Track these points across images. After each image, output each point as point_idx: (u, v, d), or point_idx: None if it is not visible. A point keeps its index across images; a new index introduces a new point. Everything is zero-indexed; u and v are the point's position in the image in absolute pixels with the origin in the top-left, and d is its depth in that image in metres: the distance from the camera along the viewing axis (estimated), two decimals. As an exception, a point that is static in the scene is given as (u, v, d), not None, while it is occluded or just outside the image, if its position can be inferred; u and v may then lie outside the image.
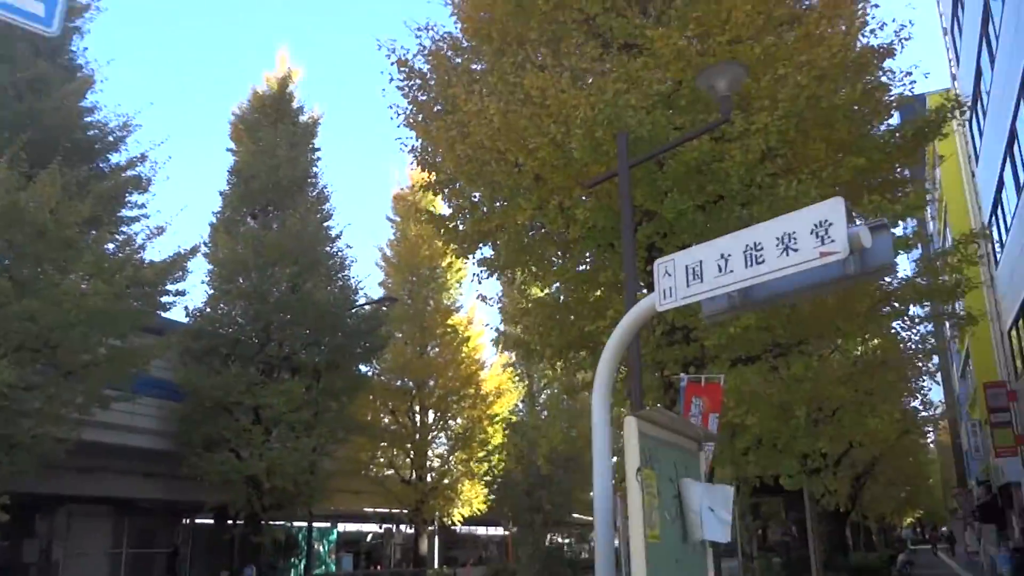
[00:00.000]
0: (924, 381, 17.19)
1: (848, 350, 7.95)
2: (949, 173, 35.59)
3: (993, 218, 27.48)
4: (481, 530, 51.93)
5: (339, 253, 25.84)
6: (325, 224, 25.86)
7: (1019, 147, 21.79)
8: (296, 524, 34.17)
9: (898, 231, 7.92)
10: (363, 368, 27.66)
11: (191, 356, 22.99)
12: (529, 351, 10.05)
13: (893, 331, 9.42)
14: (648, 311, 5.23)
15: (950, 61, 34.26)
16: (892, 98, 9.59)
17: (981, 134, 27.95)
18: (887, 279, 9.74)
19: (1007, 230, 25.31)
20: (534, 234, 9.40)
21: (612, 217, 7.91)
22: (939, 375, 49.75)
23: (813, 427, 8.95)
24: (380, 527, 40.04)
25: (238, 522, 24.93)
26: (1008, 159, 23.23)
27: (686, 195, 7.79)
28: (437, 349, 33.29)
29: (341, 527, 39.32)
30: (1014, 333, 26.86)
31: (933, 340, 10.45)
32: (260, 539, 24.46)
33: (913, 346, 11.21)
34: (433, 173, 10.03)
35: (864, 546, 37.98)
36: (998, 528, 35.89)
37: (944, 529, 75.50)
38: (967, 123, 31.56)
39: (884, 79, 9.86)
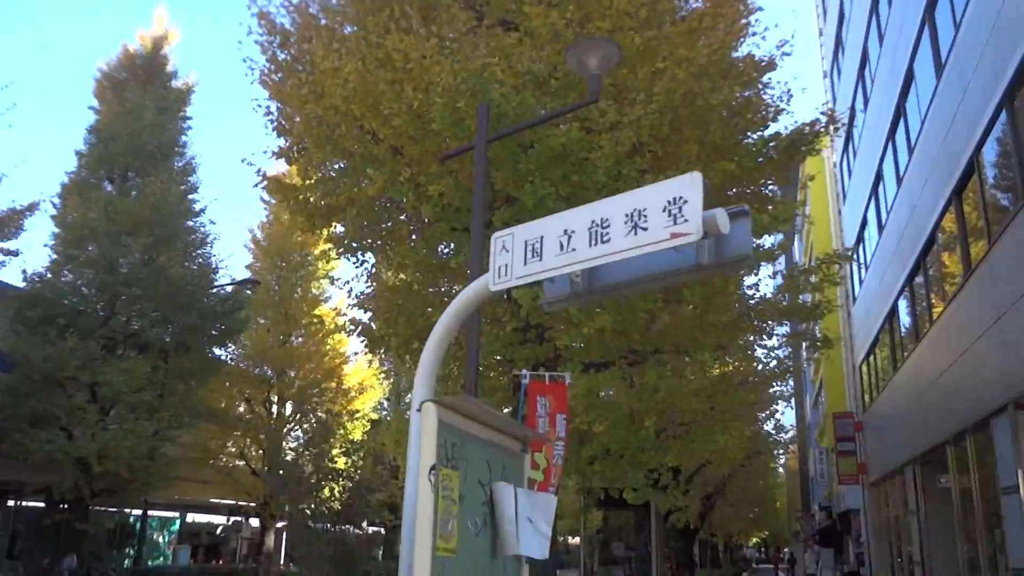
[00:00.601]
0: (778, 404, 17.38)
1: (704, 363, 7.60)
2: (817, 207, 36.93)
3: (855, 255, 28.54)
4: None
5: (201, 229, 24.36)
6: (189, 197, 24.33)
7: (884, 189, 22.60)
8: (135, 512, 32.29)
9: (765, 241, 7.65)
10: (217, 351, 26.17)
11: (25, 324, 21.11)
12: (374, 339, 9.38)
13: (751, 351, 9.28)
14: (482, 292, 4.67)
15: (826, 103, 35.54)
16: (769, 112, 9.45)
17: (851, 174, 29.01)
18: (749, 294, 9.56)
19: (866, 268, 26.28)
20: (387, 214, 8.76)
21: (469, 198, 7.36)
22: (793, 400, 51.73)
23: (663, 440, 8.59)
24: (228, 520, 38.25)
25: (64, 507, 23.08)
26: (873, 199, 24.09)
27: (548, 182, 7.30)
28: (301, 339, 32.01)
29: (190, 518, 37.34)
30: (864, 368, 27.93)
31: (790, 362, 10.38)
32: (85, 526, 22.69)
33: (770, 366, 11.23)
34: (285, 139, 9.24)
35: (710, 563, 38.90)
36: (835, 552, 37.40)
37: (786, 550, 78.77)
38: (836, 165, 32.81)
39: (763, 93, 9.73)
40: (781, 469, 68.14)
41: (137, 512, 33.26)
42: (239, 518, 36.99)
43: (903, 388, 20.69)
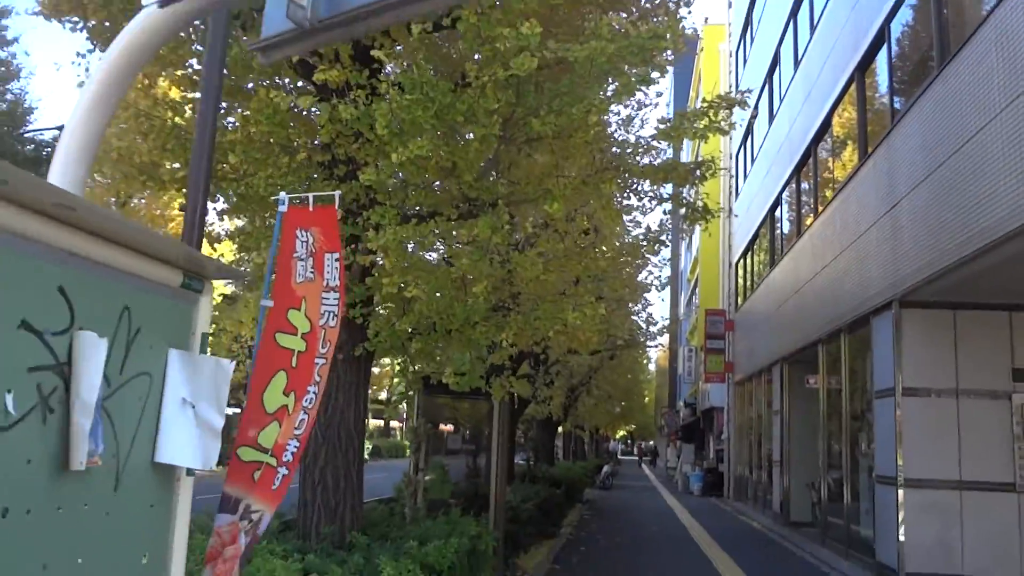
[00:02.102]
0: (648, 292, 16.09)
1: (554, 214, 5.80)
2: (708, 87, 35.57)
3: (742, 148, 27.42)
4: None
5: (12, 60, 20.84)
6: (-6, 19, 20.66)
7: (779, 74, 21.23)
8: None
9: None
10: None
11: None
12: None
13: (621, 208, 7.62)
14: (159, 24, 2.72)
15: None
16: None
17: (746, 62, 27.60)
18: (619, 138, 7.80)
19: (752, 161, 25.20)
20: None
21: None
22: (668, 291, 51.71)
23: (499, 316, 6.83)
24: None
25: None
26: (766, 87, 22.76)
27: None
28: (144, 202, 28.82)
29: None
30: (740, 266, 27.21)
31: (663, 237, 8.73)
32: None
33: (638, 235, 9.74)
34: None
35: (573, 455, 38.80)
36: (696, 448, 37.82)
37: (650, 443, 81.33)
38: (732, 53, 31.38)
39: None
40: (652, 366, 69.35)
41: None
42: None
43: (778, 286, 19.83)
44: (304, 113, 6.69)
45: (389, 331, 6.71)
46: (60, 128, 21.98)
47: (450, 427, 13.45)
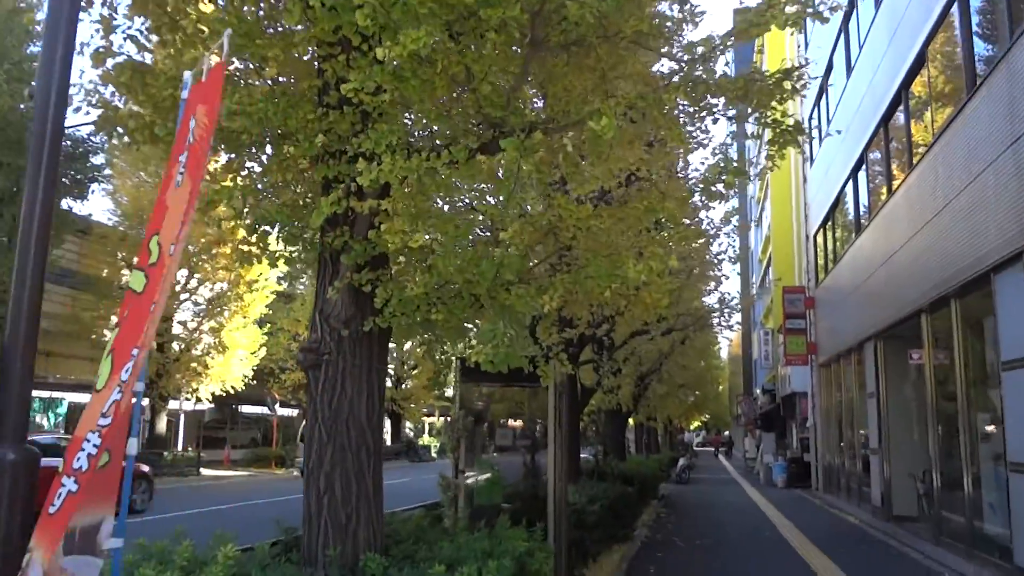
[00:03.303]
0: (722, 248, 14.40)
1: (602, 133, 4.25)
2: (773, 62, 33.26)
3: (815, 110, 25.34)
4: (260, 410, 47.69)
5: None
6: (22, 6, 19.82)
7: (857, 15, 19.22)
8: None
9: None
10: (73, 205, 22.21)
11: None
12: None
13: (686, 127, 6.01)
14: None
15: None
16: None
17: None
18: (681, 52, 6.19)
19: (828, 121, 23.14)
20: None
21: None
22: (738, 267, 49.48)
23: (537, 272, 5.34)
24: (128, 402, 34.85)
25: None
26: (843, 31, 20.74)
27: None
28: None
29: (75, 398, 33.93)
30: (819, 237, 25.14)
31: (735, 157, 6.95)
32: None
33: (709, 165, 8.01)
34: None
35: (646, 448, 36.99)
36: (778, 437, 35.67)
37: (727, 433, 78.73)
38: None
39: None
40: (723, 353, 66.94)
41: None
42: (142, 401, 33.44)
43: (866, 254, 17.86)
44: (279, 27, 5.27)
45: (400, 297, 5.25)
46: (96, 123, 21.19)
47: (516, 422, 12.06)
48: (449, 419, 7.73)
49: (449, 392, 44.66)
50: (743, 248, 19.19)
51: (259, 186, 5.76)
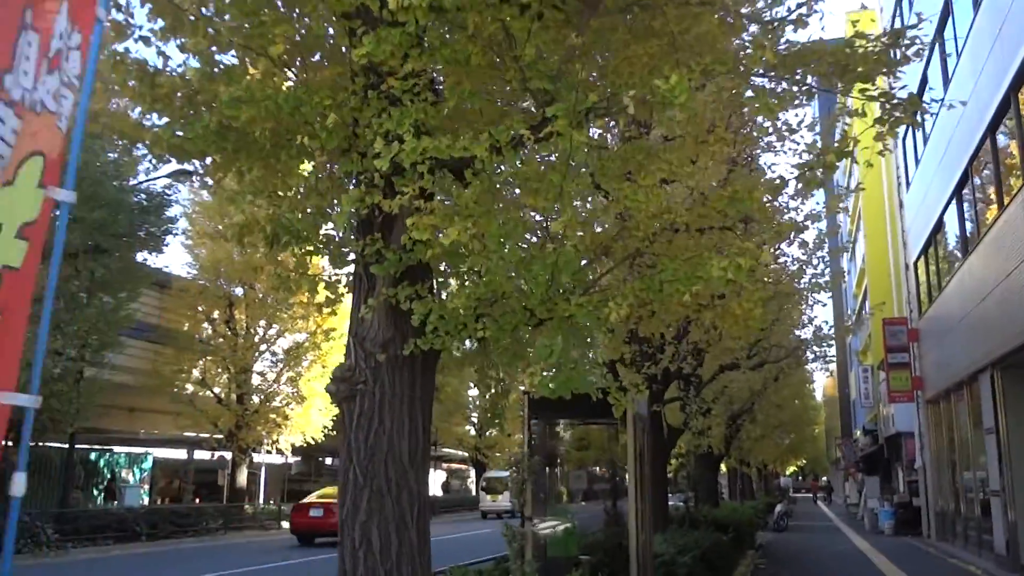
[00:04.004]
0: (817, 270, 13.21)
1: (673, 94, 3.40)
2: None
3: (910, 129, 23.85)
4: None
5: (120, 108, 20.28)
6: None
7: (953, 21, 17.95)
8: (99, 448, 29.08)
9: None
10: (148, 258, 22.29)
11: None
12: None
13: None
14: None
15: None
16: None
17: None
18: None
19: (925, 141, 21.70)
20: None
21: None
22: (831, 301, 47.27)
23: (600, 275, 4.49)
24: (213, 456, 34.87)
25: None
26: (938, 40, 19.43)
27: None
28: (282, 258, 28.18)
29: (161, 453, 34.15)
30: (920, 264, 23.48)
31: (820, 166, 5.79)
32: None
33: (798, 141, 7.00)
34: None
35: (740, 494, 35.11)
36: (882, 480, 33.37)
37: (824, 479, 75.07)
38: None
39: None
40: (818, 395, 64.09)
41: (115, 448, 30.09)
42: (224, 453, 33.32)
43: (977, 276, 16.34)
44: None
45: (440, 312, 4.45)
46: (171, 176, 21.34)
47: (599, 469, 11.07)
48: (515, 461, 6.85)
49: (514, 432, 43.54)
50: (834, 274, 17.91)
51: (280, 193, 5.07)
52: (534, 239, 5.04)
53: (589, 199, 4.98)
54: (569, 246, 4.06)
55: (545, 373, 4.45)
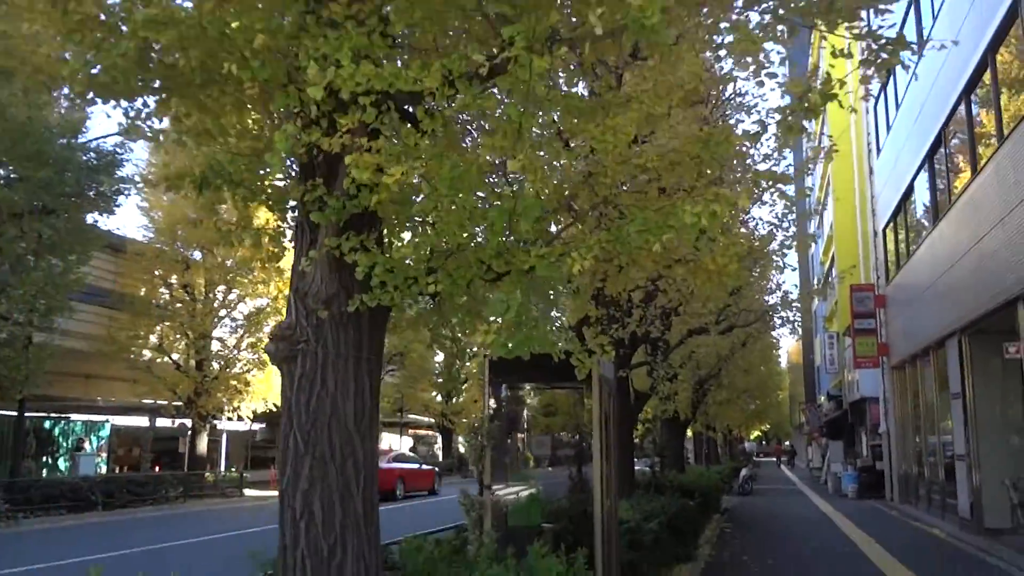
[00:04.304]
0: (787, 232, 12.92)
1: (648, 21, 2.98)
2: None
3: (882, 95, 23.63)
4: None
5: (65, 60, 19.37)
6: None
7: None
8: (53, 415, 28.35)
9: None
10: (99, 220, 21.48)
11: None
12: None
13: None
14: None
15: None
16: None
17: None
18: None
19: (897, 106, 21.49)
20: None
21: None
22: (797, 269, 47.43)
23: (559, 225, 4.12)
24: (174, 423, 34.20)
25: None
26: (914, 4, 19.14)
27: None
28: (227, 213, 27.42)
29: (121, 421, 33.40)
30: (889, 231, 23.40)
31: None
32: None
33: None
34: None
35: (706, 458, 35.20)
36: (846, 445, 33.65)
37: (787, 443, 76.00)
38: None
39: None
40: (783, 360, 64.57)
41: (73, 416, 29.31)
42: (185, 420, 32.65)
43: (947, 243, 16.20)
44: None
45: (387, 265, 4.04)
46: (120, 134, 20.52)
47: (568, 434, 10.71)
48: (473, 427, 6.48)
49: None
50: (802, 238, 17.67)
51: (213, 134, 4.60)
52: (494, 188, 4.61)
53: (552, 145, 4.55)
54: (529, 189, 3.65)
55: (503, 332, 4.05)
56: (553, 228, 4.64)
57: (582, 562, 5.69)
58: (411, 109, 4.29)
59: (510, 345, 4.17)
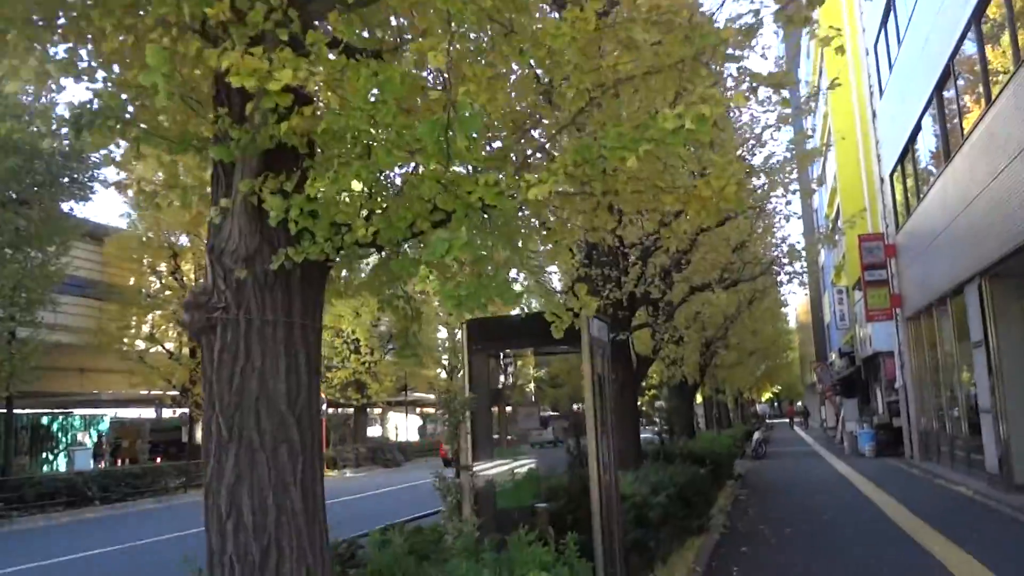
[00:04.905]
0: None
1: None
2: None
3: (882, 33, 22.64)
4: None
5: (30, 43, 18.51)
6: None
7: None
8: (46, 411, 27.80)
9: None
10: (71, 207, 20.63)
11: None
12: None
13: None
14: None
15: None
16: None
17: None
18: None
19: (899, 43, 20.50)
20: None
21: None
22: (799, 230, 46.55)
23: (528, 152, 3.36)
24: (175, 413, 33.64)
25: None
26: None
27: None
28: (187, 176, 26.56)
29: (122, 413, 32.90)
30: (896, 177, 22.50)
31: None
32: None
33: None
34: None
35: (717, 423, 34.48)
36: (861, 402, 32.91)
37: (800, 404, 75.32)
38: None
39: None
40: (791, 319, 63.70)
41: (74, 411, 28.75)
42: (186, 410, 32.03)
43: (961, 183, 15.33)
44: None
45: (304, 206, 3.28)
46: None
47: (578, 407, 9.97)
48: (446, 400, 5.72)
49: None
50: (803, 183, 16.72)
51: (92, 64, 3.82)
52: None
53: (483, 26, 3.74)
54: (464, 97, 2.87)
55: (451, 281, 3.29)
56: (512, 156, 3.85)
57: (574, 548, 4.97)
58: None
59: (462, 293, 3.41)
